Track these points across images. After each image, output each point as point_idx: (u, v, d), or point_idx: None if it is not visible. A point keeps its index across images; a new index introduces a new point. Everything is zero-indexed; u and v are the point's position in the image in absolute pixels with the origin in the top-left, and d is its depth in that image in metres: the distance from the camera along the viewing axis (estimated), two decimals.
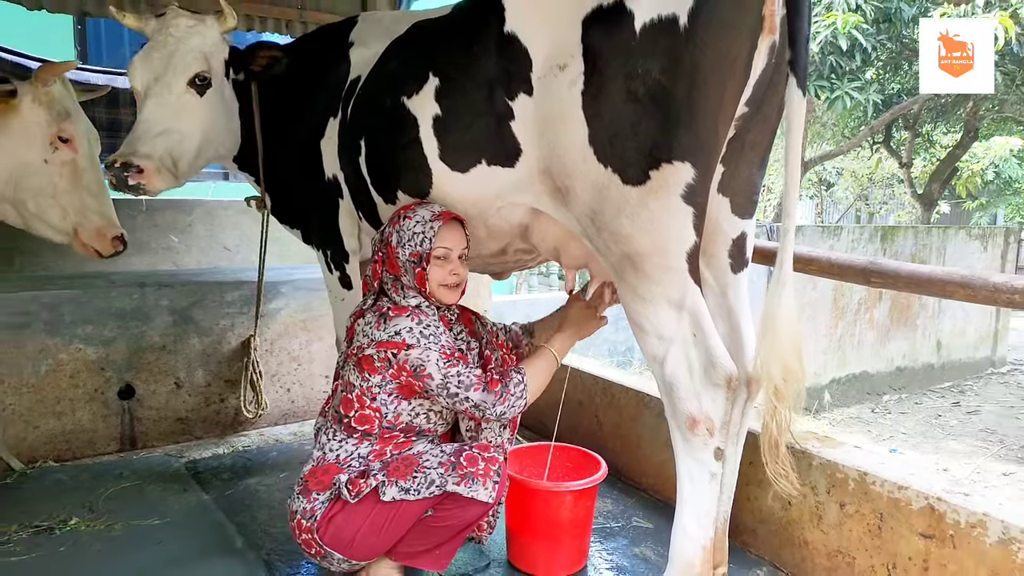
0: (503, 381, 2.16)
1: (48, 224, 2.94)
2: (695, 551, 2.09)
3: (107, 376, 3.55)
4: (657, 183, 1.89)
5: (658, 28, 1.81)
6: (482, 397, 2.12)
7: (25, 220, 2.94)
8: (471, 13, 2.22)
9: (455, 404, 2.14)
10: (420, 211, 2.22)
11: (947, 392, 9.22)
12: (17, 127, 2.79)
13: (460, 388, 2.10)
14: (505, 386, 2.15)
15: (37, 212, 2.90)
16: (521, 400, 2.17)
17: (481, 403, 2.12)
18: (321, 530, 2.11)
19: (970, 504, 2.02)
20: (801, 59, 1.88)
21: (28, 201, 2.86)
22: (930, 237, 9.25)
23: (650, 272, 1.97)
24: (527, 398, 2.19)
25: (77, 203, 2.93)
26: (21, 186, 2.84)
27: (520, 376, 2.19)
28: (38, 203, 2.88)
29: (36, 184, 2.86)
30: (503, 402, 2.13)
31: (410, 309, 2.17)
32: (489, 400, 2.12)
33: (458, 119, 2.18)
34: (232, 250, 5.87)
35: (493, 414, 2.14)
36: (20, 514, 2.82)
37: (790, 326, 1.99)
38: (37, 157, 2.84)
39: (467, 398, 2.11)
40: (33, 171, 2.84)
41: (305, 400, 4.10)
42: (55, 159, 2.88)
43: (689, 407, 2.00)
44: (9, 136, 2.78)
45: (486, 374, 2.18)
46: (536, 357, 2.32)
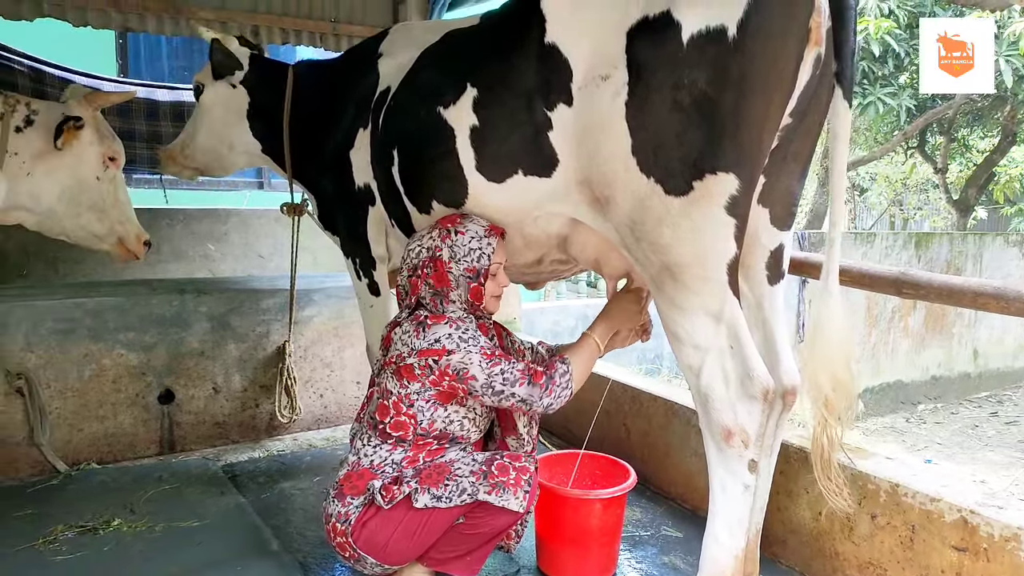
0: (547, 373, 2.18)
1: (94, 235, 3.13)
2: (727, 561, 2.10)
3: (148, 381, 3.65)
4: (700, 194, 1.90)
5: (706, 39, 1.82)
6: (528, 391, 2.14)
7: (70, 232, 3.11)
8: (510, 23, 2.22)
9: (501, 401, 2.16)
10: (471, 226, 2.25)
11: (984, 402, 9.02)
12: (75, 149, 2.97)
13: (506, 385, 2.13)
14: (550, 377, 2.17)
15: (86, 224, 3.08)
16: (567, 390, 2.20)
17: (528, 397, 2.15)
18: (355, 534, 2.16)
19: (1004, 517, 2.01)
20: (847, 71, 1.88)
21: (81, 215, 3.05)
22: (966, 244, 9.07)
23: (689, 283, 1.98)
24: (573, 387, 2.22)
25: (120, 215, 3.15)
26: (75, 201, 3.02)
27: (565, 366, 2.21)
28: (89, 217, 3.07)
29: (89, 199, 3.06)
30: (549, 393, 2.16)
31: (447, 317, 2.20)
32: (536, 393, 2.15)
33: (495, 130, 2.19)
34: (266, 258, 6.00)
35: (541, 406, 2.17)
36: (66, 514, 2.92)
37: (839, 336, 1.99)
38: (91, 175, 3.04)
39: (513, 394, 2.14)
40: (88, 187, 3.03)
41: (337, 406, 4.17)
42: (105, 176, 3.08)
43: (724, 418, 2.00)
44: (69, 157, 2.96)
45: (530, 367, 2.19)
46: (578, 346, 2.33)
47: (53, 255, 5.16)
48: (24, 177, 2.86)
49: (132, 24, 4.40)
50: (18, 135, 2.82)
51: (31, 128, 2.85)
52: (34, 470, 3.36)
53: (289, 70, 3.15)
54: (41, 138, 2.86)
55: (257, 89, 3.18)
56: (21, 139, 2.83)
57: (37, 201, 2.94)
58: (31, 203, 2.93)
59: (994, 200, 14.37)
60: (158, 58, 7.47)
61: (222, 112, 3.22)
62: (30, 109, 2.87)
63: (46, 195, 2.94)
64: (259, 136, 3.24)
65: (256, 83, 3.17)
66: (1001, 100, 10.31)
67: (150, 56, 7.43)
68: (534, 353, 2.57)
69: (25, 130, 2.84)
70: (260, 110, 3.18)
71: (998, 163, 12.28)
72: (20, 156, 2.83)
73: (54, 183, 2.94)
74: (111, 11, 4.29)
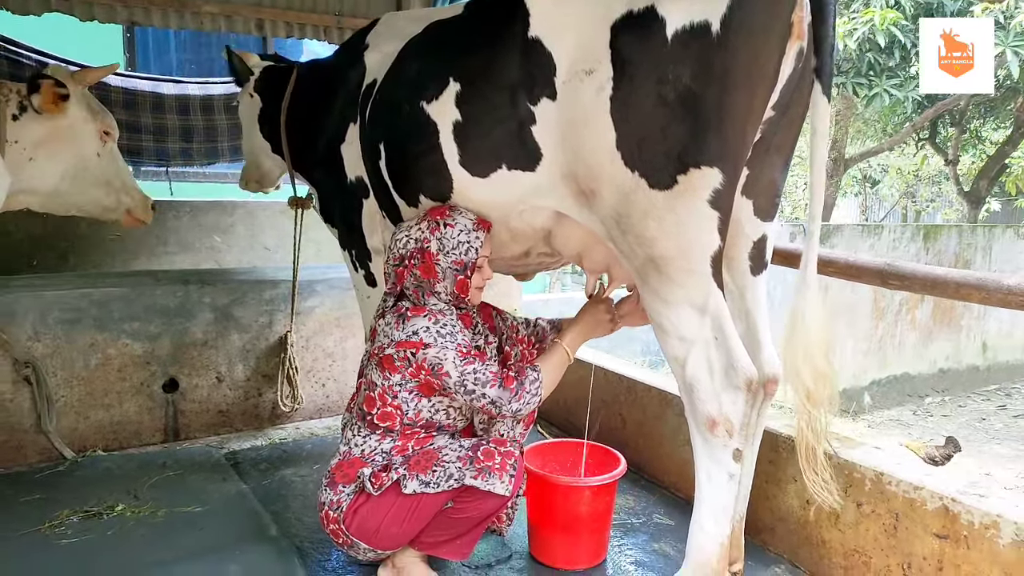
0: (518, 379, 2.23)
1: (104, 207, 3.22)
2: (712, 548, 2.13)
3: (152, 370, 3.73)
4: (684, 187, 1.91)
5: (690, 34, 1.83)
6: (498, 394, 2.19)
7: (79, 208, 3.18)
8: (493, 16, 2.21)
9: (472, 401, 2.21)
10: (460, 219, 2.27)
11: (993, 395, 8.98)
12: (67, 128, 2.99)
13: (477, 385, 2.17)
14: (521, 384, 2.22)
15: (95, 199, 3.16)
16: (536, 397, 2.25)
17: (497, 399, 2.19)
18: (347, 521, 2.21)
19: (984, 505, 2.03)
20: (826, 66, 1.90)
21: (88, 191, 3.12)
22: (975, 236, 9.00)
23: (674, 275, 2.00)
24: (542, 395, 2.27)
25: (122, 184, 3.24)
26: (80, 179, 3.08)
27: (536, 374, 2.26)
28: (96, 192, 3.15)
29: (93, 176, 3.11)
30: (519, 399, 2.21)
31: (427, 309, 2.24)
32: (505, 397, 2.19)
33: (479, 124, 2.20)
34: (272, 250, 6.05)
35: (509, 411, 2.22)
36: (72, 499, 3.00)
37: (817, 327, 2.01)
38: (92, 152, 3.09)
39: (484, 395, 2.18)
40: (90, 164, 3.09)
41: (339, 395, 4.23)
42: (105, 151, 3.14)
43: (709, 408, 2.03)
44: (65, 136, 2.99)
45: (503, 370, 2.24)
46: (549, 354, 2.40)
47: (63, 246, 5.24)
48: (27, 163, 2.89)
49: (138, 18, 4.45)
50: (15, 123, 2.84)
51: (27, 115, 2.86)
52: (41, 456, 3.45)
53: (293, 71, 3.28)
54: (39, 124, 2.89)
55: (265, 93, 3.35)
56: (19, 126, 2.85)
57: (43, 184, 2.97)
58: (38, 186, 2.97)
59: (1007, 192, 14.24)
60: (166, 51, 7.55)
61: (248, 122, 3.47)
62: (22, 96, 2.87)
63: (51, 177, 2.98)
64: (267, 137, 3.42)
65: (264, 88, 3.36)
66: (1013, 91, 10.21)
67: (158, 50, 7.51)
68: (530, 327, 2.61)
69: (22, 117, 2.85)
70: (267, 112, 3.35)
71: (1010, 154, 12.16)
72: (20, 143, 2.86)
73: (57, 165, 2.98)
74: (117, 5, 4.34)
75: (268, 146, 3.43)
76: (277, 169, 3.57)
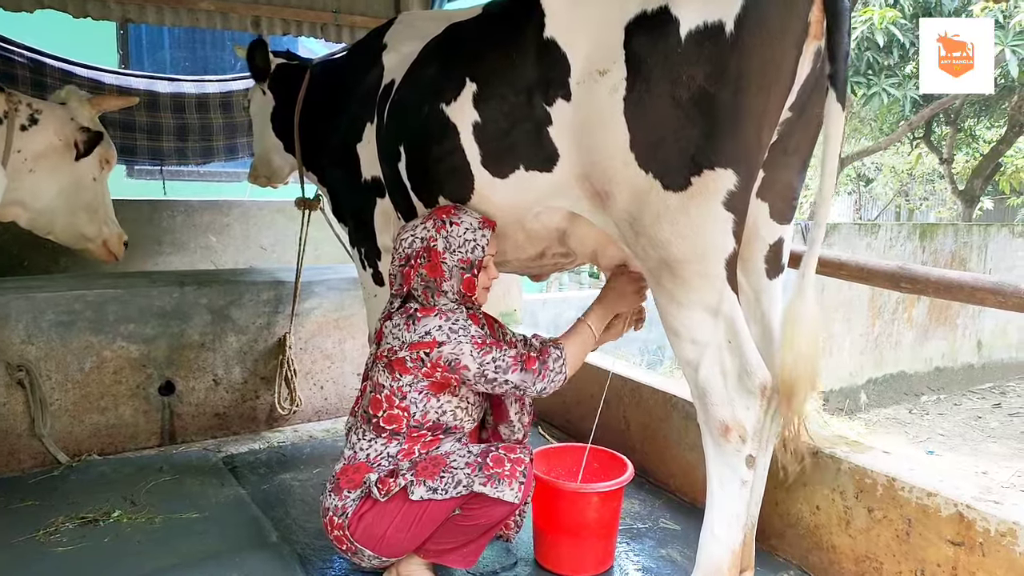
0: (540, 358, 2.20)
1: (83, 234, 3.24)
2: (724, 556, 2.09)
3: (148, 373, 3.67)
4: (698, 189, 1.89)
5: (704, 35, 1.81)
6: (521, 377, 2.17)
7: (60, 230, 3.19)
8: (509, 17, 2.20)
9: (495, 388, 2.18)
10: (465, 218, 2.25)
11: (988, 393, 9.01)
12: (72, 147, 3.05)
13: (498, 372, 2.15)
14: (543, 362, 2.20)
15: (78, 223, 3.19)
16: (561, 375, 2.22)
17: (521, 383, 2.18)
18: (352, 527, 2.17)
19: (1000, 512, 2.00)
20: (840, 73, 1.86)
21: (75, 213, 3.14)
22: (971, 235, 9.02)
23: (688, 278, 1.97)
24: (567, 372, 2.24)
25: (106, 215, 3.29)
26: (72, 200, 3.11)
27: (559, 351, 2.24)
28: (82, 216, 3.17)
29: (84, 199, 3.16)
30: (542, 379, 2.19)
31: (437, 309, 2.21)
32: (528, 379, 2.18)
33: (497, 125, 2.18)
34: (268, 249, 5.99)
35: (534, 391, 2.21)
36: (66, 505, 2.94)
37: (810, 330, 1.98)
38: (89, 176, 3.15)
39: (506, 380, 2.16)
40: (84, 187, 3.14)
41: (338, 397, 4.18)
42: (100, 178, 3.20)
43: (722, 413, 2.00)
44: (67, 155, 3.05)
45: (523, 352, 2.21)
46: (573, 331, 2.35)
47: (53, 247, 5.16)
48: (27, 174, 2.94)
49: (132, 15, 4.38)
50: (23, 133, 2.90)
51: (35, 127, 2.92)
52: (35, 461, 3.38)
53: (307, 70, 3.30)
54: (44, 138, 2.96)
55: (278, 91, 3.36)
56: (25, 137, 2.90)
57: (36, 198, 3.01)
58: (30, 200, 3.01)
59: (1000, 191, 14.30)
60: (159, 48, 7.46)
61: (260, 119, 3.48)
62: (33, 109, 2.95)
63: (45, 192, 3.02)
64: (279, 135, 3.42)
65: (277, 86, 3.37)
66: (1008, 90, 10.23)
67: (151, 47, 7.42)
68: (526, 345, 2.57)
69: (30, 129, 2.91)
70: (280, 110, 3.36)
71: (1005, 153, 12.21)
72: (23, 154, 2.91)
73: (54, 181, 3.03)
74: (110, 2, 4.25)
75: (280, 143, 3.43)
76: (287, 166, 3.56)
